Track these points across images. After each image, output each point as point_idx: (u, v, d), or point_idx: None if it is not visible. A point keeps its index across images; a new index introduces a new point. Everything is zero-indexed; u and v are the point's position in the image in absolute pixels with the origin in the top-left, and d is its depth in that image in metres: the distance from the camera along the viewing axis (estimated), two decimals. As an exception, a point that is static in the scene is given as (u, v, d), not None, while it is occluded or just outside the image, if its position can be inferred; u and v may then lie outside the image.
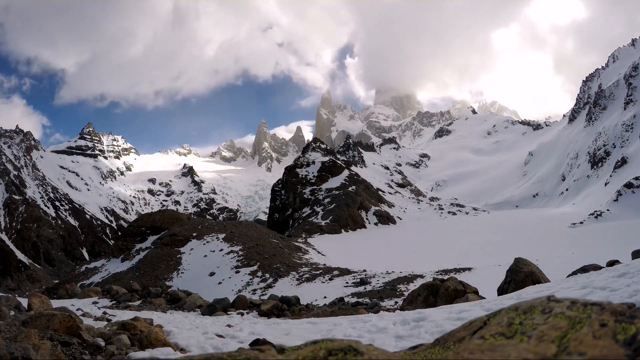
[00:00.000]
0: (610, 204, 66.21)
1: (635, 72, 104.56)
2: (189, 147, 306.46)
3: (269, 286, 31.26)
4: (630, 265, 9.08)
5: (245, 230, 44.85)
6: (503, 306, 1.87)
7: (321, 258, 42.13)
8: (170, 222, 46.96)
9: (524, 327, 1.59)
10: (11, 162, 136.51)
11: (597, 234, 46.18)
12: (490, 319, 1.78)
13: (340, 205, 71.18)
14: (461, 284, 12.34)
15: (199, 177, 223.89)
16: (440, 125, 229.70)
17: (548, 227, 56.84)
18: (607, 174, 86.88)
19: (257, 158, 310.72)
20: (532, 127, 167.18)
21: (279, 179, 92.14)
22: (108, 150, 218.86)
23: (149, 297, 15.77)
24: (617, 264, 10.93)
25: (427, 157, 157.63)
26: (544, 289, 9.11)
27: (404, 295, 19.78)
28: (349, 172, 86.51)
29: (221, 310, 12.93)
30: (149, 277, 36.24)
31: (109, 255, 47.89)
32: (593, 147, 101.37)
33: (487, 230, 60.73)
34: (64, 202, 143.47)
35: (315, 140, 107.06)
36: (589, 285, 7.62)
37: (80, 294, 17.86)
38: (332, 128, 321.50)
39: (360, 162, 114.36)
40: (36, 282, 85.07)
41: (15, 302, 9.11)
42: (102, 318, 9.36)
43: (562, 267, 17.81)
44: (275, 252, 39.25)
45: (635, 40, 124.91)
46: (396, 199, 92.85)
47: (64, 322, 5.84)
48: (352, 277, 29.44)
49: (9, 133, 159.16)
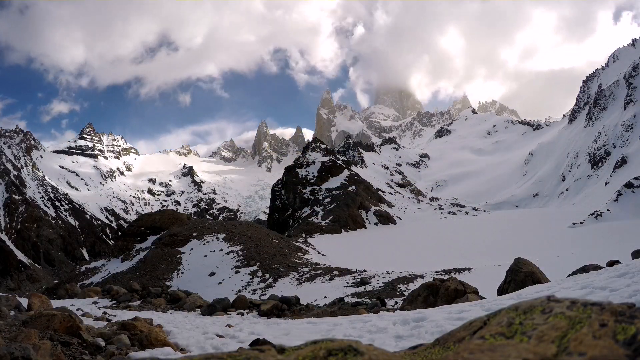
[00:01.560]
0: (610, 204, 66.18)
1: (635, 72, 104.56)
2: (189, 147, 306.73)
3: (269, 286, 31.26)
4: (630, 265, 9.08)
5: (245, 230, 44.84)
6: (503, 306, 1.87)
7: (321, 258, 42.13)
8: (170, 222, 46.95)
9: (524, 327, 1.59)
10: (11, 162, 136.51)
11: (597, 234, 46.14)
12: (490, 319, 1.78)
13: (340, 205, 71.19)
14: (461, 284, 12.34)
15: (199, 177, 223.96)
16: (440, 125, 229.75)
17: (548, 227, 56.81)
18: (607, 174, 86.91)
19: (257, 158, 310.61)
20: (532, 127, 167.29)
21: (279, 179, 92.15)
22: (108, 150, 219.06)
23: (149, 297, 15.77)
24: (617, 264, 10.94)
25: (427, 157, 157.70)
26: (544, 289, 9.11)
27: (404, 295, 19.78)
28: (349, 172, 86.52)
29: (221, 310, 12.93)
30: (149, 277, 36.24)
31: (109, 255, 47.88)
32: (593, 147, 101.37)
33: (487, 230, 60.73)
34: (64, 202, 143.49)
35: (315, 140, 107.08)
36: (589, 285, 7.62)
37: (80, 294, 17.87)
38: (332, 128, 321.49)
39: (360, 162, 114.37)
40: (36, 282, 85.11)
41: (15, 302, 9.11)
42: (102, 318, 9.36)
43: (562, 267, 17.82)
44: (275, 252, 39.25)
45: (635, 40, 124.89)
46: (396, 199, 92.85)
47: (64, 322, 5.84)
48: (352, 277, 29.44)
49: (9, 133, 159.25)
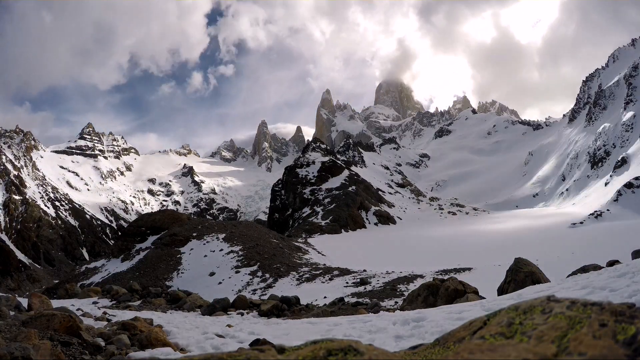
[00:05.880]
0: (610, 204, 66.17)
1: (635, 72, 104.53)
2: (189, 147, 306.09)
3: (269, 286, 31.26)
4: (630, 265, 9.08)
5: (245, 230, 44.84)
6: (503, 306, 1.87)
7: (321, 258, 42.14)
8: (170, 222, 46.94)
9: (524, 327, 1.59)
10: (11, 162, 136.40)
11: (597, 234, 46.15)
12: (490, 319, 1.78)
13: (340, 205, 71.20)
14: (461, 284, 12.34)
15: (199, 177, 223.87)
16: (440, 125, 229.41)
17: (548, 227, 56.86)
18: (607, 174, 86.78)
19: (257, 158, 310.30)
20: (532, 127, 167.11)
21: (279, 179, 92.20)
22: (108, 150, 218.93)
23: (149, 297, 15.78)
24: (617, 264, 10.95)
25: (427, 157, 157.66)
26: (544, 289, 9.11)
27: (404, 295, 19.77)
28: (349, 172, 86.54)
29: (221, 310, 12.94)
30: (149, 277, 36.23)
31: (109, 255, 47.86)
32: (593, 147, 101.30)
33: (487, 230, 60.79)
34: (64, 202, 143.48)
35: (315, 140, 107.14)
36: (589, 285, 7.62)
37: (80, 294, 17.87)
38: (332, 128, 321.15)
39: (360, 162, 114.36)
40: (36, 282, 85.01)
41: (15, 302, 9.12)
42: (102, 318, 9.35)
43: (562, 267, 17.83)
44: (275, 252, 39.25)
45: (635, 40, 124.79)
46: (396, 199, 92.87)
47: (64, 322, 5.84)
48: (352, 277, 29.43)
49: (9, 133, 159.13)
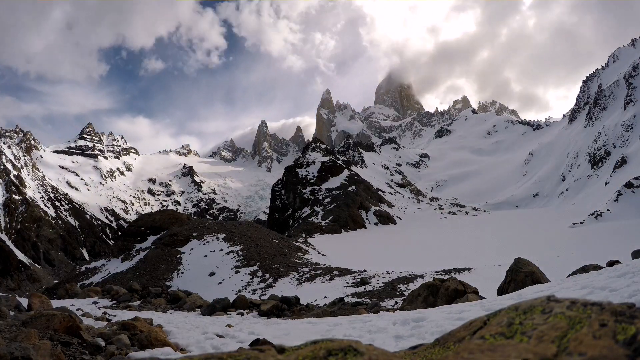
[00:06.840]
0: (610, 204, 66.15)
1: (635, 72, 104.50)
2: (189, 147, 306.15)
3: (269, 286, 31.25)
4: (630, 265, 9.08)
5: (245, 230, 44.83)
6: (503, 306, 1.87)
7: (321, 258, 42.14)
8: (170, 222, 46.94)
9: (524, 327, 1.59)
10: (11, 162, 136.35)
11: (597, 234, 46.14)
12: (490, 319, 1.78)
13: (340, 205, 71.21)
14: (461, 284, 12.35)
15: (199, 177, 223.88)
16: (440, 125, 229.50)
17: (548, 227, 56.86)
18: (607, 174, 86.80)
19: (257, 158, 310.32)
20: (532, 127, 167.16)
21: (279, 179, 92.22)
22: (108, 150, 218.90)
23: (149, 297, 15.78)
24: (617, 264, 10.95)
25: (427, 157, 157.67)
26: (544, 289, 9.12)
27: (404, 295, 19.77)
28: (349, 172, 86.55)
29: (221, 310, 12.94)
30: (149, 277, 36.23)
31: (109, 255, 47.84)
32: (593, 147, 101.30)
33: (487, 230, 60.79)
34: (64, 202, 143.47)
35: (315, 140, 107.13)
36: (589, 285, 7.62)
37: (80, 294, 17.88)
38: (332, 128, 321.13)
39: (360, 162, 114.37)
40: (36, 282, 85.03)
41: (15, 302, 9.12)
42: (102, 318, 9.36)
43: (562, 267, 17.83)
44: (275, 252, 39.24)
45: (635, 40, 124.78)
46: (396, 199, 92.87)
47: (64, 322, 5.84)
48: (352, 277, 29.42)
49: (9, 133, 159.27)
